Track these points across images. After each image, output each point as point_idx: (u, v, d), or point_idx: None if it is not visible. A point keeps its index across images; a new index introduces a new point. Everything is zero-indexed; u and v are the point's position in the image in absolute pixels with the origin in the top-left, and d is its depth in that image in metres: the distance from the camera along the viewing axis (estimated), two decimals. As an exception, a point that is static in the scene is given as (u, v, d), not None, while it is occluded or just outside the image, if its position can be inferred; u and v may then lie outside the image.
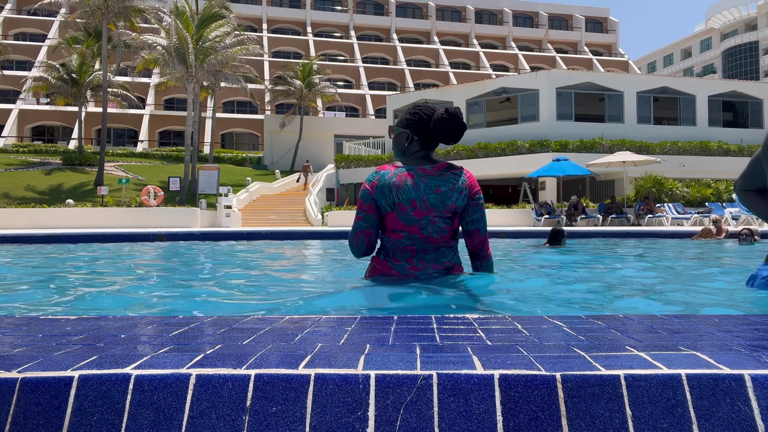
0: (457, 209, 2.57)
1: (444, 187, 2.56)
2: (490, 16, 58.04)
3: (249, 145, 43.91)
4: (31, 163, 30.45)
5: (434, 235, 2.59)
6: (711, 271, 4.06)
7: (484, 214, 2.63)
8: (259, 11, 52.15)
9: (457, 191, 2.56)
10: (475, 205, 2.60)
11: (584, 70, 41.92)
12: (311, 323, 1.36)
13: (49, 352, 1.02)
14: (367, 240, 2.65)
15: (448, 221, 2.58)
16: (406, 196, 2.56)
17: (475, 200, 2.61)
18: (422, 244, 2.60)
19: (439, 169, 2.60)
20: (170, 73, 25.35)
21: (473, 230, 2.62)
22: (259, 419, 0.87)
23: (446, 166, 2.63)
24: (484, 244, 2.64)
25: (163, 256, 6.51)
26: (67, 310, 2.41)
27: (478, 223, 2.62)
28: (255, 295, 2.97)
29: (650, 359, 0.94)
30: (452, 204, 2.55)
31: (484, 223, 2.63)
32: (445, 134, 2.60)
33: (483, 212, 2.62)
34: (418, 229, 2.61)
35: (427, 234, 2.59)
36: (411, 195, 2.56)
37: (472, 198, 2.60)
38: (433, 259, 2.61)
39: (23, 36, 46.10)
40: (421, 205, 2.56)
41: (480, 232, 2.63)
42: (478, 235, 2.63)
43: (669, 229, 13.00)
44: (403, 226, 2.61)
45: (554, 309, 2.41)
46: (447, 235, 2.60)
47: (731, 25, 67.20)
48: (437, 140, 2.65)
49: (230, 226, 18.98)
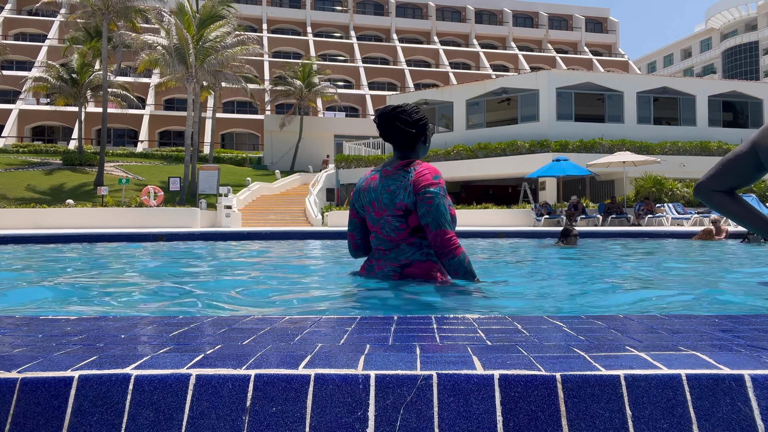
0: (407, 207, 2.56)
1: (393, 185, 2.60)
2: (490, 16, 58.03)
3: (249, 145, 43.90)
4: (31, 163, 30.45)
5: (391, 234, 2.64)
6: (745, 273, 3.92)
7: (435, 209, 2.52)
8: (259, 11, 52.15)
9: (402, 189, 2.57)
10: (422, 200, 2.53)
11: (584, 70, 41.92)
12: (311, 323, 1.36)
13: (49, 352, 1.02)
14: (353, 242, 2.90)
15: (402, 219, 2.59)
16: (368, 198, 2.70)
17: (421, 195, 2.54)
18: (385, 243, 2.67)
19: (396, 168, 2.64)
20: (170, 73, 25.35)
21: (424, 225, 2.57)
22: (259, 419, 0.87)
23: (404, 164, 2.65)
24: (438, 239, 2.53)
25: (163, 256, 6.51)
26: (67, 310, 2.41)
27: (426, 218, 2.54)
28: (254, 294, 2.97)
29: (650, 359, 0.94)
30: (400, 202, 2.56)
31: (434, 218, 2.52)
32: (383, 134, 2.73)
33: (432, 207, 2.52)
34: (379, 228, 2.70)
35: (386, 234, 2.66)
36: (371, 197, 2.68)
37: (417, 194, 2.55)
38: (393, 258, 2.65)
39: (23, 36, 46.09)
40: (378, 205, 2.65)
41: (430, 227, 2.54)
42: (429, 231, 2.55)
43: (669, 230, 13.00)
44: (372, 227, 2.75)
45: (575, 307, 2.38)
46: (404, 233, 2.60)
47: (731, 25, 67.19)
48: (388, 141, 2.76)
49: (230, 226, 18.98)
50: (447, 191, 2.63)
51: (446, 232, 2.52)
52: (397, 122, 2.67)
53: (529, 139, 24.20)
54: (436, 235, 2.52)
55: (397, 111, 2.69)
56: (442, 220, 2.52)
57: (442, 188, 2.57)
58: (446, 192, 2.62)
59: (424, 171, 2.59)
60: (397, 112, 2.68)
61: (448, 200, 2.61)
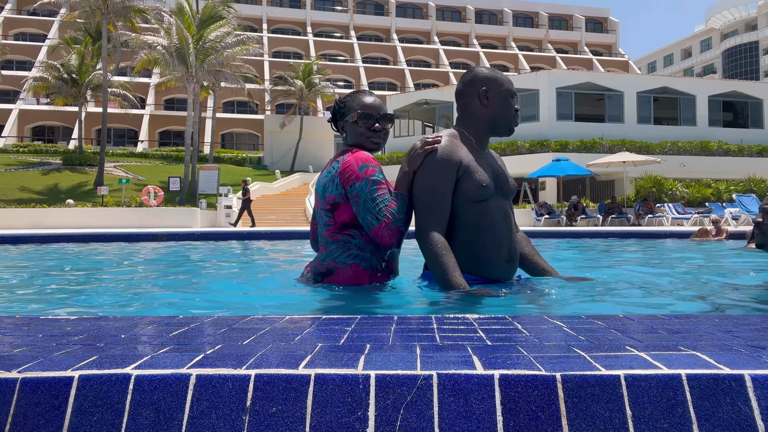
0: (335, 200, 2.31)
1: (326, 177, 2.39)
2: (490, 16, 58.03)
3: (249, 145, 43.91)
4: (30, 163, 30.44)
5: (323, 229, 2.43)
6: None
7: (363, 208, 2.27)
8: (259, 11, 52.16)
9: (331, 180, 2.34)
10: (351, 194, 2.28)
11: (584, 70, 41.93)
12: (311, 323, 1.36)
13: (49, 352, 1.02)
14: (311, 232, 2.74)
15: (330, 214, 2.36)
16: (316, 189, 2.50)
17: (349, 193, 2.29)
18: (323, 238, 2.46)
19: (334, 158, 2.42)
20: (170, 73, 25.35)
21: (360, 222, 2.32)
22: (259, 419, 0.87)
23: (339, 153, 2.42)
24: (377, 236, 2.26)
25: (163, 256, 6.51)
26: (67, 310, 2.41)
27: (359, 213, 2.29)
28: (254, 294, 2.97)
29: (650, 359, 0.94)
30: (329, 195, 2.34)
31: (363, 218, 2.27)
32: None
33: (360, 206, 2.26)
34: (316, 223, 2.52)
35: (322, 229, 2.44)
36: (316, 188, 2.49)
37: (344, 186, 2.30)
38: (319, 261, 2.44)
39: (23, 36, 46.10)
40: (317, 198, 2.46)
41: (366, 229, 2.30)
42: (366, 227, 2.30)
43: (669, 229, 13.00)
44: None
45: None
46: (331, 228, 2.37)
47: (731, 25, 67.18)
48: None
49: (230, 226, 18.99)
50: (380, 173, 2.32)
51: (376, 229, 2.26)
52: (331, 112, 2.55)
53: (529, 139, 24.20)
54: (376, 231, 2.26)
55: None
56: (370, 217, 2.25)
57: (368, 179, 2.27)
58: (379, 176, 2.31)
59: (349, 161, 2.30)
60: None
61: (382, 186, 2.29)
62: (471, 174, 2.29)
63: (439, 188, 2.27)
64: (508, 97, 2.43)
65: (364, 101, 2.42)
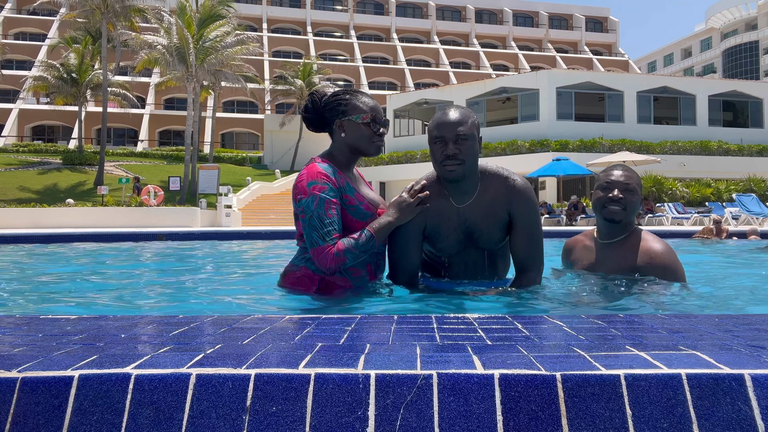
0: (297, 211, 2.20)
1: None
2: (490, 15, 58.03)
3: (249, 144, 43.92)
4: (30, 163, 30.45)
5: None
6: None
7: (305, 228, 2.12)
8: (259, 11, 52.16)
9: (293, 190, 2.24)
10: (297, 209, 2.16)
11: (584, 70, 41.95)
12: (311, 323, 1.36)
13: (49, 351, 1.02)
14: None
15: (296, 221, 2.27)
16: None
17: (296, 204, 2.16)
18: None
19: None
20: (171, 72, 25.36)
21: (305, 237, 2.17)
22: (259, 419, 0.87)
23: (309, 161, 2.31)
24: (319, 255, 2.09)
25: (163, 255, 6.51)
26: (67, 310, 2.41)
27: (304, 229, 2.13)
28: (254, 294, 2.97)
29: (650, 359, 0.94)
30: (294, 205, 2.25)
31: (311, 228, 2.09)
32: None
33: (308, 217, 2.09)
34: None
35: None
36: None
37: (293, 199, 2.19)
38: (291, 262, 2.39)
39: (23, 36, 46.10)
40: None
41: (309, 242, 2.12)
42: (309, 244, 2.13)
43: (669, 229, 13.00)
44: None
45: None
46: (297, 234, 2.29)
47: (731, 25, 67.16)
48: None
49: (230, 225, 18.98)
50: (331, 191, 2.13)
51: (320, 249, 2.08)
52: (308, 105, 2.32)
53: (529, 139, 24.20)
54: (314, 253, 2.11)
55: (311, 93, 2.35)
56: (315, 236, 2.09)
57: (316, 195, 2.09)
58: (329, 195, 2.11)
59: (302, 175, 2.16)
60: (311, 93, 2.35)
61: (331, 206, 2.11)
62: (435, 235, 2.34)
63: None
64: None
65: (372, 103, 2.28)
